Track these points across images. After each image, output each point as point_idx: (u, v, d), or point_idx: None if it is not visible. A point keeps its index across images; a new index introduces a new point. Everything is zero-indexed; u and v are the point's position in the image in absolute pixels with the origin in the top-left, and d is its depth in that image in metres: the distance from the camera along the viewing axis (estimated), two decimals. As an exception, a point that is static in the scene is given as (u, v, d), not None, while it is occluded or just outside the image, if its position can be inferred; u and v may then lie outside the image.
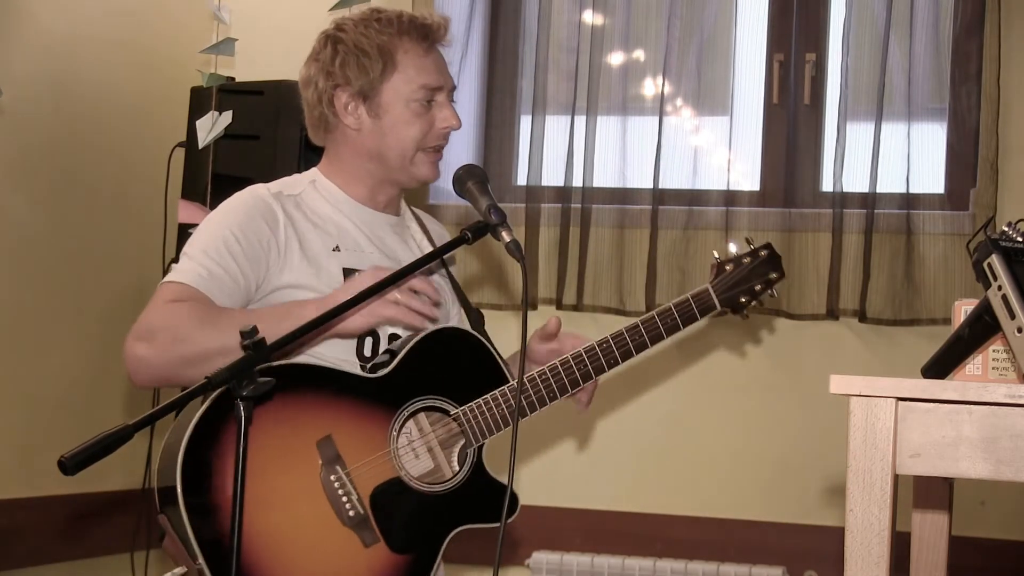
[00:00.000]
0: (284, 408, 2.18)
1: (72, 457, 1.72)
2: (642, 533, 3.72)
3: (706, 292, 2.51)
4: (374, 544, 2.22)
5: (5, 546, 3.46)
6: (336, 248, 2.39)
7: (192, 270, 2.26)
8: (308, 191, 2.45)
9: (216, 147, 3.48)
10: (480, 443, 2.33)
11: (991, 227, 3.41)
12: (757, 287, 2.56)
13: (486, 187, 2.32)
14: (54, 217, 3.66)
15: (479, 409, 2.33)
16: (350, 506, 2.21)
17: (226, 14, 3.48)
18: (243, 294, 2.29)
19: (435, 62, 2.46)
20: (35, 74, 3.59)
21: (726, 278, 2.54)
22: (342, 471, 2.21)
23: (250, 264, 2.29)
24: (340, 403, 2.25)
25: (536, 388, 2.37)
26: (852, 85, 3.63)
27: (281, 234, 2.34)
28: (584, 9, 3.87)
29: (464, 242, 2.23)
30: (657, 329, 2.45)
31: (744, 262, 2.56)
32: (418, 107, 2.42)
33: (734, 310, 2.56)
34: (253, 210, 2.34)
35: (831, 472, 3.58)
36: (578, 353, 2.40)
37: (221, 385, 1.83)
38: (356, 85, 2.40)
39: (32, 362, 3.59)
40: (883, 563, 1.64)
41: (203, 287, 2.24)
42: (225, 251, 2.27)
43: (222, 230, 2.30)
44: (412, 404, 2.30)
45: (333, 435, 2.21)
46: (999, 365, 1.96)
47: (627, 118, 3.88)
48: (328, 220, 2.43)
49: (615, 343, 2.42)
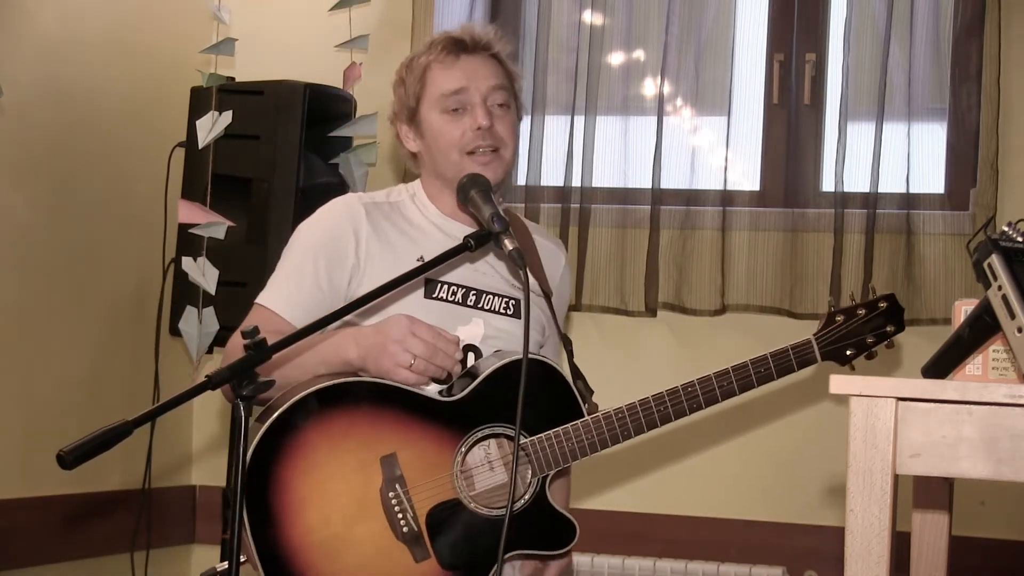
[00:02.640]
0: (354, 422, 2.27)
1: (71, 451, 1.73)
2: (642, 533, 3.72)
3: (808, 344, 2.42)
4: (424, 560, 2.27)
5: (5, 546, 3.46)
6: (420, 258, 2.42)
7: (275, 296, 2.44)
8: (406, 202, 2.56)
9: (216, 147, 3.47)
10: (545, 474, 2.36)
11: (991, 227, 3.41)
12: (869, 340, 2.43)
13: (489, 196, 2.34)
14: (54, 217, 3.66)
15: (548, 441, 2.35)
16: (404, 522, 2.26)
17: (226, 14, 3.48)
18: (328, 303, 2.40)
19: (462, 68, 2.50)
20: (35, 74, 3.59)
21: (834, 330, 2.43)
22: (401, 489, 2.26)
23: (330, 277, 2.43)
24: (409, 422, 2.30)
25: (611, 425, 2.39)
26: (852, 85, 3.62)
27: (363, 245, 2.44)
28: (584, 9, 3.87)
29: (467, 249, 2.25)
30: (749, 377, 2.41)
31: (858, 314, 2.44)
32: (448, 116, 2.48)
33: (839, 362, 2.44)
34: (337, 223, 2.47)
35: (831, 472, 3.58)
36: (659, 394, 2.40)
37: (221, 384, 1.84)
38: (403, 114, 2.54)
39: (32, 362, 3.59)
40: (883, 563, 1.64)
41: (285, 312, 2.41)
42: (308, 271, 2.43)
43: (305, 251, 2.46)
44: (482, 430, 2.33)
45: (398, 453, 2.27)
46: (999, 365, 1.96)
47: (627, 118, 3.88)
48: (418, 229, 2.51)
49: (701, 387, 2.41)
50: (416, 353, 2.26)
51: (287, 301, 2.42)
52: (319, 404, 2.24)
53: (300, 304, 2.41)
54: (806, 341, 2.42)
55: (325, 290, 2.42)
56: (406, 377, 2.28)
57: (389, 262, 2.42)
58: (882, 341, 2.45)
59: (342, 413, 2.26)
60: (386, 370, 2.28)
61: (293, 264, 2.46)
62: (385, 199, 2.55)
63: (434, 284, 2.45)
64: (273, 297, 2.44)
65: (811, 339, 2.42)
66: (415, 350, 2.26)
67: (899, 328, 2.46)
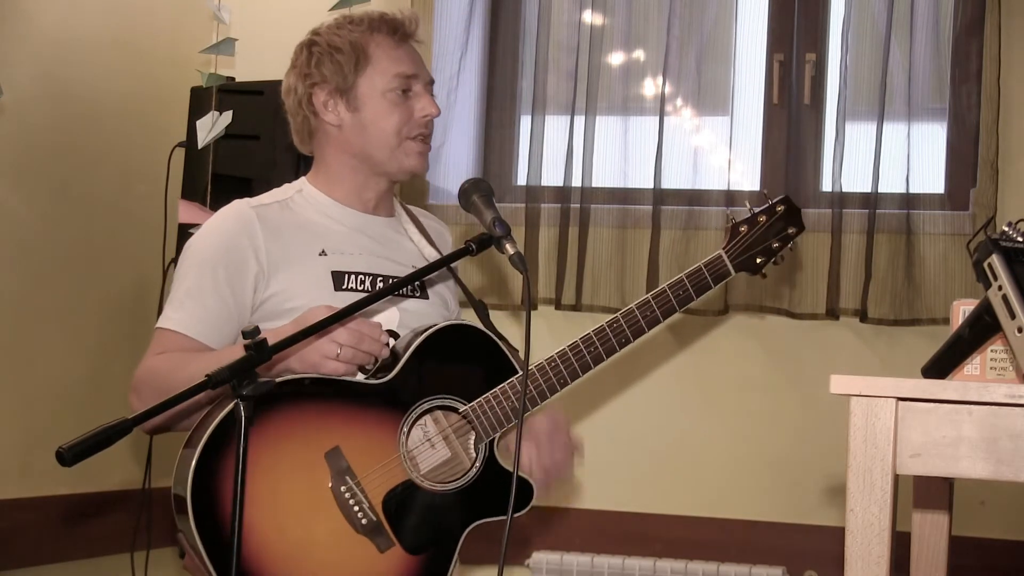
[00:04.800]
0: (291, 422, 2.20)
1: (71, 448, 1.73)
2: (642, 533, 3.72)
3: (719, 259, 2.45)
4: (389, 548, 2.23)
5: (5, 546, 3.46)
6: (323, 252, 2.41)
7: (176, 317, 2.35)
8: (295, 199, 2.50)
9: (216, 147, 3.48)
10: (491, 437, 2.33)
11: (991, 227, 3.41)
12: (775, 245, 2.49)
13: (491, 200, 2.32)
14: (54, 217, 3.66)
15: (488, 404, 2.32)
16: (362, 514, 2.21)
17: (226, 14, 3.48)
18: (236, 317, 2.35)
19: (408, 54, 2.51)
20: (35, 74, 3.59)
21: (741, 240, 2.46)
22: (352, 481, 2.21)
23: (233, 289, 2.36)
24: (347, 412, 2.25)
25: (546, 375, 2.35)
26: (852, 85, 3.63)
27: (262, 249, 2.37)
28: (584, 9, 3.87)
29: (468, 253, 2.24)
30: (669, 302, 2.40)
31: (760, 221, 2.48)
32: (395, 97, 2.46)
33: (750, 272, 2.48)
34: (231, 232, 2.39)
35: (831, 472, 3.58)
36: (587, 335, 2.37)
37: (221, 384, 1.84)
38: (333, 81, 2.46)
39: (32, 362, 3.59)
40: (883, 563, 1.64)
41: (191, 331, 2.33)
42: (208, 286, 2.35)
43: (202, 266, 2.37)
44: (420, 406, 2.30)
45: (341, 446, 2.22)
46: (997, 365, 1.96)
47: (627, 118, 3.88)
48: (313, 224, 2.46)
49: (626, 320, 2.38)
50: (342, 342, 2.21)
51: (193, 319, 2.34)
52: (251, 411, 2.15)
53: (206, 320, 2.33)
54: (716, 256, 2.44)
55: (230, 303, 2.35)
56: (335, 368, 2.22)
57: (293, 262, 2.39)
58: (787, 244, 2.50)
59: (276, 416, 2.17)
60: (313, 363, 2.22)
61: (191, 282, 2.37)
62: (272, 200, 2.47)
63: (342, 276, 2.41)
64: (177, 318, 2.35)
65: (721, 253, 2.45)
66: (340, 339, 2.21)
67: (800, 228, 2.51)
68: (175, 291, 2.39)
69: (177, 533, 2.21)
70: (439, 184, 3.98)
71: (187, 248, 2.43)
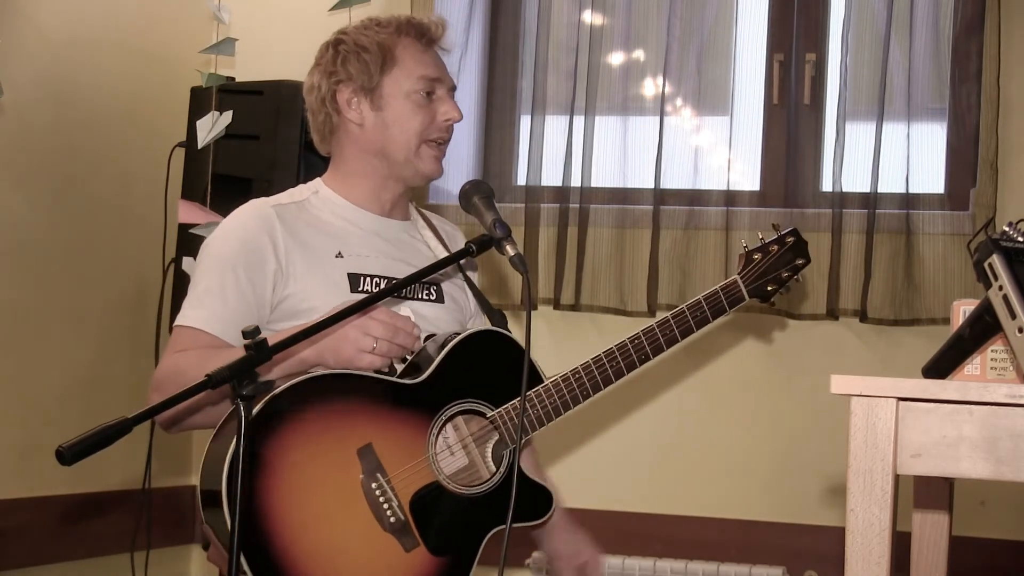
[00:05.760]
0: (324, 417, 2.21)
1: (71, 447, 1.73)
2: (642, 533, 3.72)
3: (735, 284, 2.52)
4: (414, 548, 2.23)
5: (5, 546, 3.46)
6: (339, 254, 2.42)
7: (197, 314, 2.34)
8: (311, 200, 2.50)
9: (216, 147, 3.47)
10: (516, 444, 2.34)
11: (991, 227, 3.41)
12: (784, 274, 2.57)
13: (491, 202, 2.32)
14: (54, 217, 3.66)
15: (515, 411, 2.34)
16: (391, 512, 2.22)
17: (226, 14, 3.48)
18: (256, 313, 2.35)
19: (433, 58, 2.53)
20: (35, 74, 3.59)
21: (755, 268, 2.54)
22: (383, 478, 2.22)
23: (253, 285, 2.35)
24: (379, 411, 2.26)
25: (570, 386, 2.38)
26: (852, 85, 3.63)
27: (281, 247, 2.38)
28: (584, 9, 3.87)
29: (469, 254, 2.24)
30: (688, 323, 2.47)
31: (771, 250, 2.56)
32: (419, 99, 2.47)
33: (761, 299, 2.57)
34: (251, 229, 2.39)
35: (831, 472, 3.58)
36: (610, 349, 2.41)
37: (221, 383, 1.83)
38: (358, 80, 2.46)
39: (32, 362, 3.59)
40: (883, 563, 1.64)
41: (212, 328, 2.32)
42: (229, 283, 2.34)
43: (221, 261, 2.36)
44: (449, 408, 2.31)
45: (373, 443, 2.23)
46: (997, 365, 1.97)
47: (627, 118, 3.88)
48: (330, 226, 2.46)
49: (646, 338, 2.44)
50: (377, 335, 2.21)
51: (214, 316, 2.33)
52: (286, 407, 2.16)
53: (226, 317, 2.32)
54: (732, 281, 2.52)
55: (250, 299, 2.35)
56: (371, 362, 2.22)
57: (311, 263, 2.39)
58: (795, 274, 2.59)
59: (310, 412, 2.18)
60: (348, 358, 2.22)
61: (211, 279, 2.36)
62: (289, 200, 2.48)
63: (358, 278, 2.42)
64: (197, 316, 2.34)
65: (737, 278, 2.53)
66: (375, 332, 2.21)
67: (807, 260, 2.60)
68: (194, 288, 2.38)
69: (203, 525, 2.22)
70: (439, 184, 3.98)
71: (205, 247, 2.43)
